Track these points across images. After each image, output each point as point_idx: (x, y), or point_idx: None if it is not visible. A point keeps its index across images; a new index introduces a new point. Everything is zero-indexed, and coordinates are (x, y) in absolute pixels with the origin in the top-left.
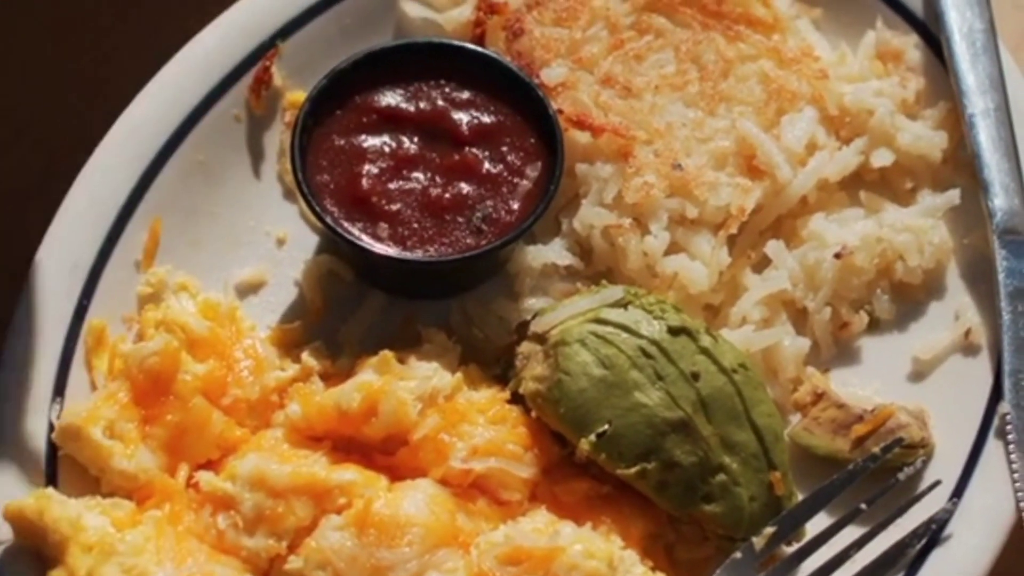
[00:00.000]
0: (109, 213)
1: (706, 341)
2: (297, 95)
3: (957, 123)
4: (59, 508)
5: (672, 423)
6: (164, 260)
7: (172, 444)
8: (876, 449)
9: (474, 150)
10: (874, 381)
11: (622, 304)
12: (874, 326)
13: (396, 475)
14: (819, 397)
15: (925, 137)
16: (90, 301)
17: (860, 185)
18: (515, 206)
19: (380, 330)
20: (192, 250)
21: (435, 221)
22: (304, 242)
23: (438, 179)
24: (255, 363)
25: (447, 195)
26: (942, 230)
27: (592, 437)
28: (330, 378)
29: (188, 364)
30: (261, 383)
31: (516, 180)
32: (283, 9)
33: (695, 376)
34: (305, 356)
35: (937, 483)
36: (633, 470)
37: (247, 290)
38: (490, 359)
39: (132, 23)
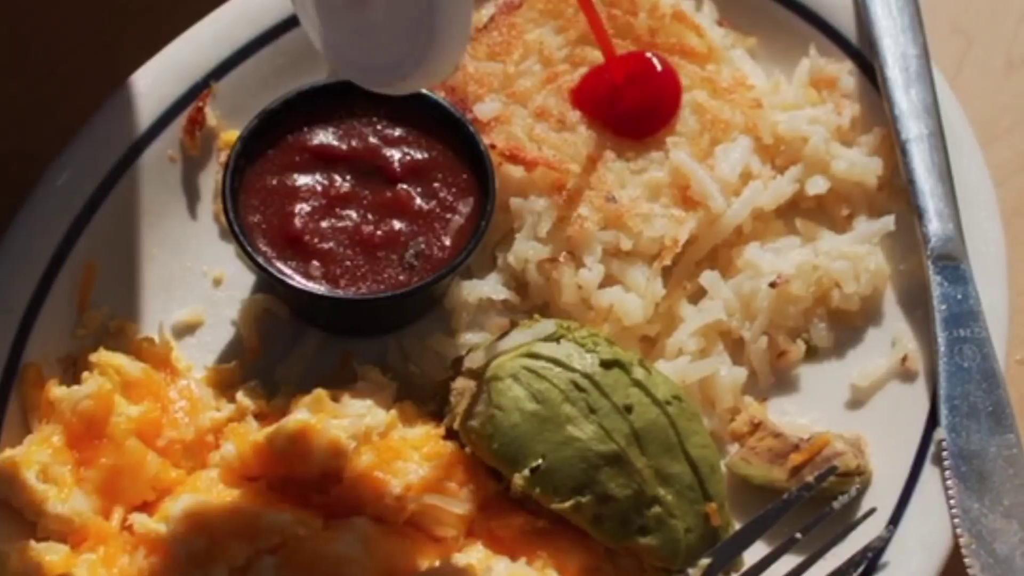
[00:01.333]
0: (44, 255)
1: (639, 374)
2: (232, 135)
3: (892, 149)
4: None
5: (606, 456)
6: (100, 302)
7: (107, 486)
8: (811, 478)
9: (406, 187)
10: (812, 410)
11: (555, 338)
12: (812, 354)
13: (331, 513)
14: (756, 427)
15: (860, 164)
16: (25, 344)
17: (796, 213)
18: (448, 242)
19: (317, 369)
20: (128, 292)
21: (368, 258)
22: (241, 282)
23: (370, 216)
24: (190, 404)
25: (379, 232)
26: (878, 256)
27: (526, 472)
28: (265, 417)
29: (122, 406)
30: (196, 424)
31: (449, 216)
32: (217, 49)
33: (628, 409)
34: (240, 396)
35: (872, 511)
36: (568, 504)
37: (184, 331)
38: (427, 395)
39: (69, 63)
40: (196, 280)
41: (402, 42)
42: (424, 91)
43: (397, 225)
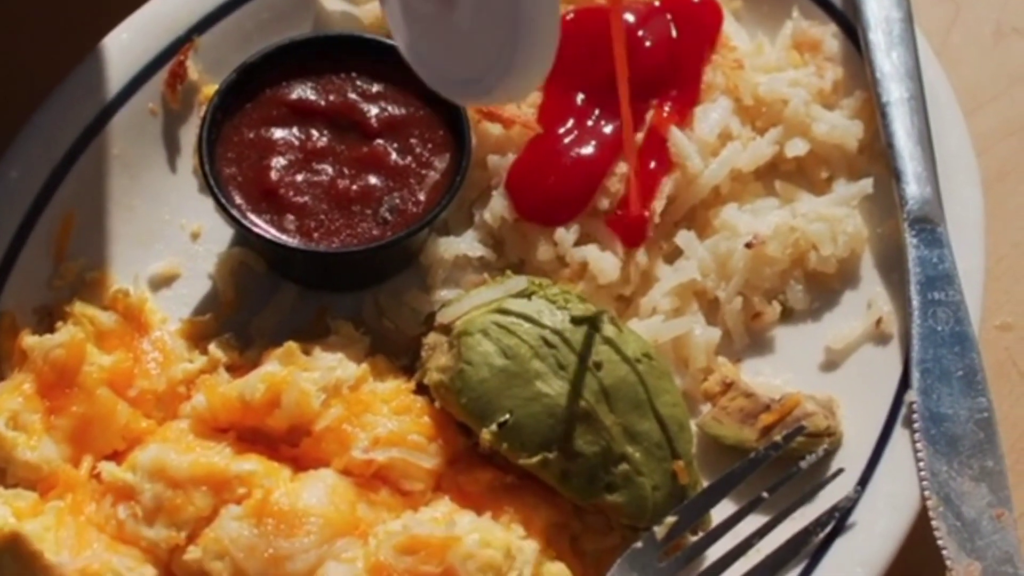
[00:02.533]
0: (22, 205)
1: (609, 331)
2: (213, 89)
3: (873, 113)
4: None
5: (574, 413)
6: (78, 253)
7: (77, 435)
8: (779, 437)
9: (383, 142)
10: (786, 371)
11: (526, 294)
12: (787, 316)
13: (300, 466)
14: (728, 387)
15: (840, 126)
16: (0, 292)
17: (776, 175)
18: (423, 198)
19: (292, 323)
20: (106, 243)
21: (342, 213)
22: (218, 236)
23: (346, 171)
24: (163, 355)
25: (355, 187)
26: (856, 219)
27: (494, 427)
28: (237, 370)
29: (94, 356)
30: (168, 375)
31: (424, 172)
32: (200, 4)
33: (597, 366)
34: (212, 348)
35: (840, 471)
36: (535, 460)
37: (160, 283)
38: (401, 351)
39: (51, 16)
40: (174, 233)
41: (487, 55)
42: None
43: (373, 180)
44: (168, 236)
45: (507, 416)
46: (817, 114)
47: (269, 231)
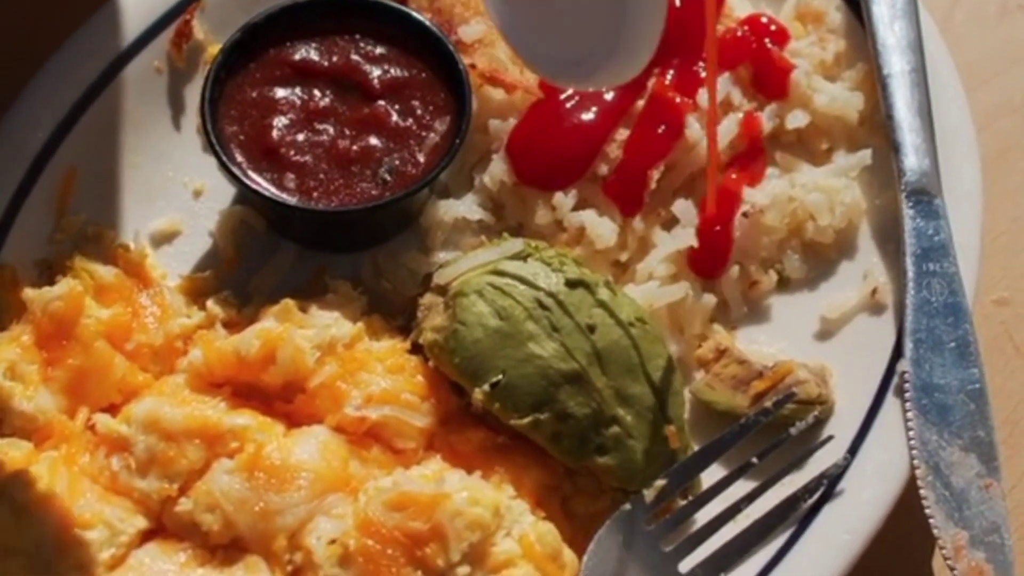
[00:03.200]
0: (26, 159)
1: (604, 294)
2: (218, 49)
3: (875, 85)
4: None
5: (566, 374)
6: (80, 208)
7: (73, 387)
8: (770, 403)
9: (384, 104)
10: (781, 339)
11: (522, 256)
12: (784, 285)
13: (293, 422)
14: (722, 353)
15: (842, 98)
16: (1, 246)
17: (776, 146)
18: (422, 159)
19: (291, 282)
20: (109, 199)
21: (342, 173)
22: (221, 194)
23: (347, 132)
24: (161, 310)
25: (355, 147)
26: (854, 190)
27: (486, 387)
28: (234, 326)
29: (92, 309)
30: (165, 329)
31: (424, 134)
32: None
33: (591, 328)
34: (210, 304)
35: (830, 438)
36: (527, 420)
37: (161, 240)
38: (397, 311)
39: None
40: (176, 191)
41: (591, 36)
42: (405, 9)
43: (373, 141)
44: (170, 193)
45: (500, 376)
46: (818, 85)
47: (269, 189)
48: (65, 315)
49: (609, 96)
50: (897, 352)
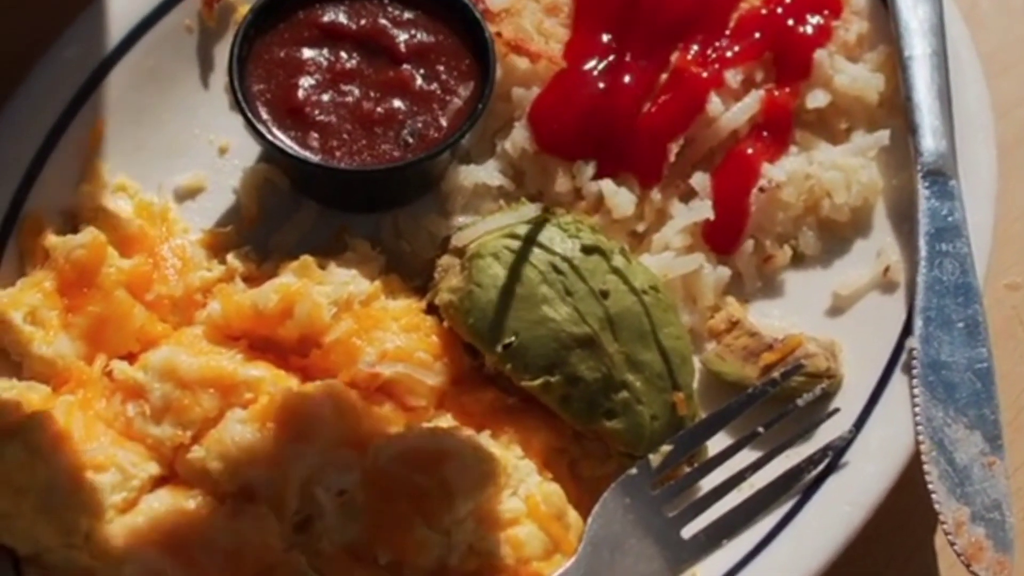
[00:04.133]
0: (55, 110)
1: (619, 261)
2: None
3: (896, 67)
4: None
5: (578, 338)
6: (107, 160)
7: (92, 334)
8: (777, 374)
9: (409, 68)
10: (793, 314)
11: (539, 221)
12: (798, 260)
13: (308, 376)
14: (733, 325)
15: (862, 79)
16: (28, 193)
17: (796, 124)
18: (445, 124)
19: (312, 240)
20: (135, 153)
21: (365, 134)
22: (246, 152)
23: (372, 94)
24: (182, 262)
25: (379, 110)
26: (872, 170)
27: (499, 348)
28: (254, 280)
29: (114, 258)
30: (186, 281)
31: (448, 99)
32: None
33: (604, 294)
34: (230, 258)
35: (836, 411)
36: (537, 382)
37: (185, 195)
38: (415, 272)
39: None
40: (202, 147)
41: None
42: None
43: (397, 104)
44: (196, 150)
45: (512, 338)
46: (840, 66)
47: (292, 147)
48: (87, 263)
49: (633, 70)
50: (907, 330)
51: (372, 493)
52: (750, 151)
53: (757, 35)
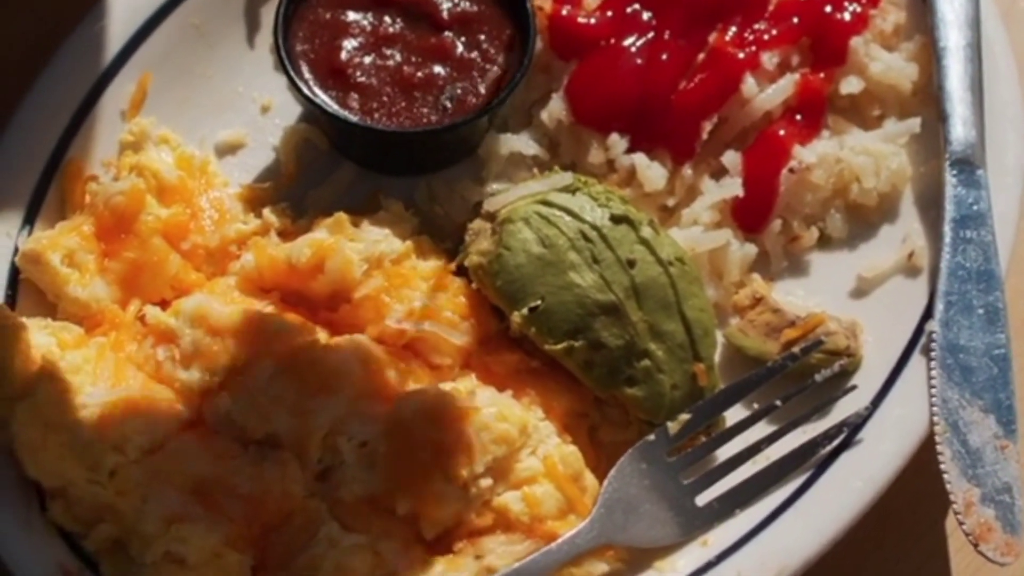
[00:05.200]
0: (101, 62)
1: (647, 232)
2: None
3: (930, 58)
4: (8, 322)
5: (603, 305)
6: (150, 114)
7: (128, 279)
8: (797, 349)
9: (451, 35)
10: (817, 294)
11: (570, 190)
12: (825, 242)
13: (336, 330)
14: (757, 301)
15: (896, 67)
16: (71, 141)
17: (830, 109)
18: (483, 91)
19: (347, 200)
20: (179, 107)
21: (405, 97)
22: (287, 111)
23: (413, 59)
24: (219, 214)
25: (420, 74)
26: (901, 157)
27: (525, 311)
28: (288, 235)
29: (153, 207)
30: (222, 233)
31: (488, 67)
32: None
33: (631, 263)
34: (266, 212)
35: (853, 387)
36: (561, 346)
37: (226, 150)
38: (445, 235)
39: None
40: (245, 105)
41: None
42: None
43: (437, 69)
44: (239, 107)
45: (538, 302)
46: (876, 54)
47: (332, 106)
48: (126, 210)
49: (671, 47)
50: (928, 313)
51: (393, 445)
52: (782, 132)
53: (795, 19)
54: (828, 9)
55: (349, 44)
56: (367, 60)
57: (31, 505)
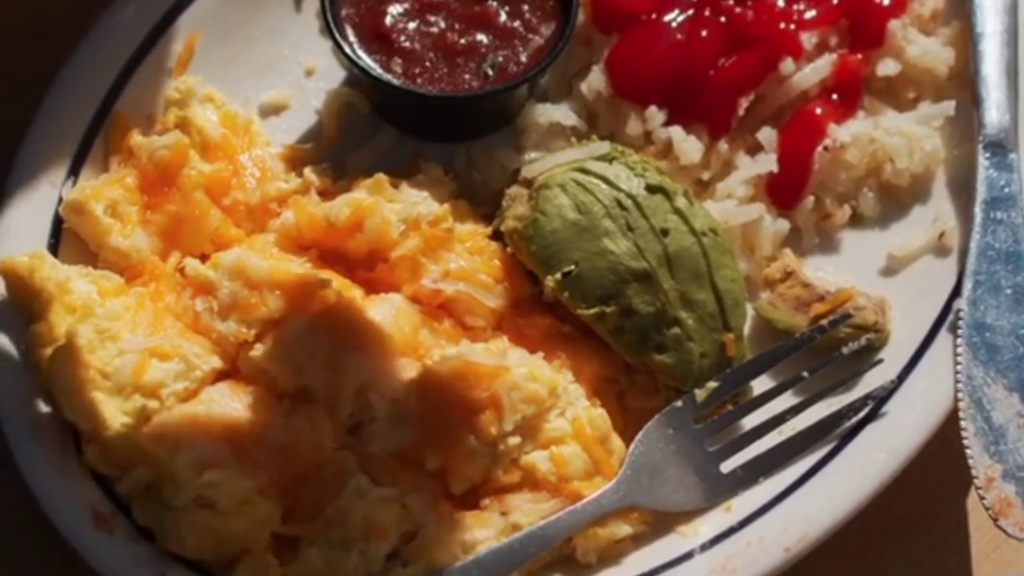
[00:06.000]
0: (149, 21)
1: (681, 203)
2: None
3: (967, 44)
4: (49, 269)
5: (635, 272)
6: (196, 72)
7: (169, 232)
8: (825, 322)
9: (495, 4)
10: (847, 272)
11: (608, 158)
12: (857, 221)
13: (372, 289)
14: (788, 275)
15: (933, 51)
16: (117, 96)
17: (866, 90)
18: (524, 60)
19: (387, 163)
20: (224, 67)
21: (448, 63)
22: (331, 75)
23: (457, 26)
24: (261, 172)
25: (463, 41)
26: (935, 139)
27: (558, 275)
28: (327, 195)
29: (196, 162)
30: (263, 190)
31: (530, 36)
32: None
33: (664, 232)
34: (307, 172)
35: (880, 360)
36: (592, 311)
37: (270, 111)
38: (483, 201)
39: None
40: (290, 67)
41: None
42: None
43: (480, 37)
44: (284, 69)
45: (572, 267)
46: (913, 37)
47: (375, 69)
48: (170, 163)
49: (711, 23)
50: (956, 292)
51: (424, 402)
52: (818, 111)
53: (835, 1)
54: None
55: (394, 10)
56: (411, 26)
57: (67, 448)
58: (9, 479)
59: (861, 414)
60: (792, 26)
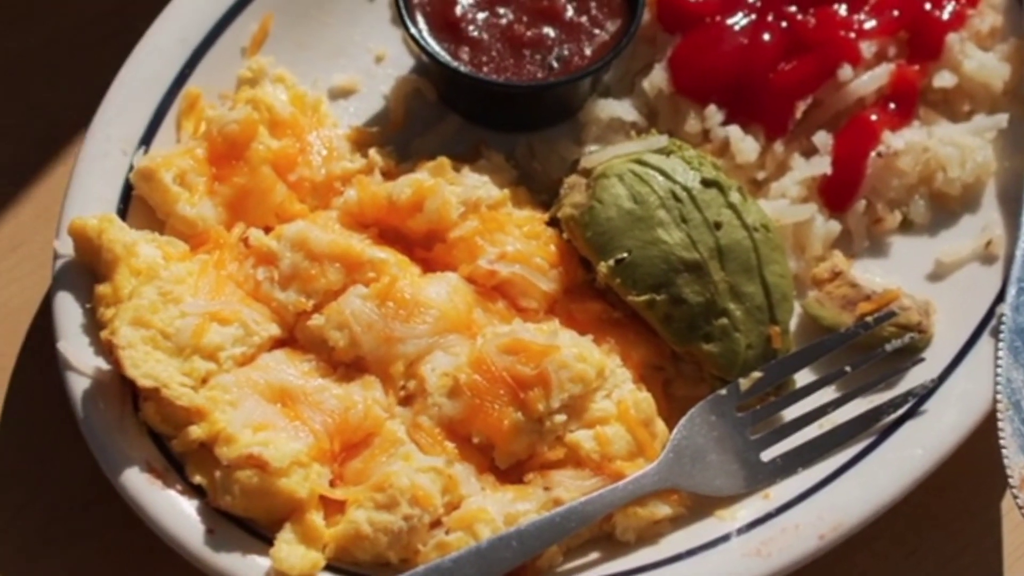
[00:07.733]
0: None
1: (735, 198)
2: None
3: (1022, 59)
4: (117, 232)
5: (687, 263)
6: (269, 53)
7: (235, 204)
8: (870, 319)
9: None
10: (894, 274)
11: (665, 152)
12: (907, 227)
13: (429, 268)
14: (836, 275)
15: (990, 66)
16: (191, 72)
17: (922, 102)
18: (589, 54)
19: (450, 149)
20: (296, 50)
21: (514, 55)
22: (400, 63)
23: (524, 19)
24: (327, 151)
25: (529, 33)
26: (987, 151)
27: (611, 262)
28: (391, 176)
29: (264, 137)
30: (328, 168)
31: (596, 31)
32: None
33: (717, 225)
34: (372, 152)
35: (922, 359)
36: (643, 299)
37: (338, 94)
38: (542, 189)
39: None
40: (360, 54)
41: None
42: None
43: (547, 30)
44: (353, 55)
45: (625, 255)
46: (970, 51)
47: (443, 55)
48: (239, 138)
49: (775, 27)
50: (1000, 297)
51: (475, 376)
52: (874, 118)
53: (895, 12)
54: (928, 6)
55: (464, 0)
56: (480, 16)
57: (125, 405)
58: (72, 436)
59: (901, 411)
60: (852, 34)
